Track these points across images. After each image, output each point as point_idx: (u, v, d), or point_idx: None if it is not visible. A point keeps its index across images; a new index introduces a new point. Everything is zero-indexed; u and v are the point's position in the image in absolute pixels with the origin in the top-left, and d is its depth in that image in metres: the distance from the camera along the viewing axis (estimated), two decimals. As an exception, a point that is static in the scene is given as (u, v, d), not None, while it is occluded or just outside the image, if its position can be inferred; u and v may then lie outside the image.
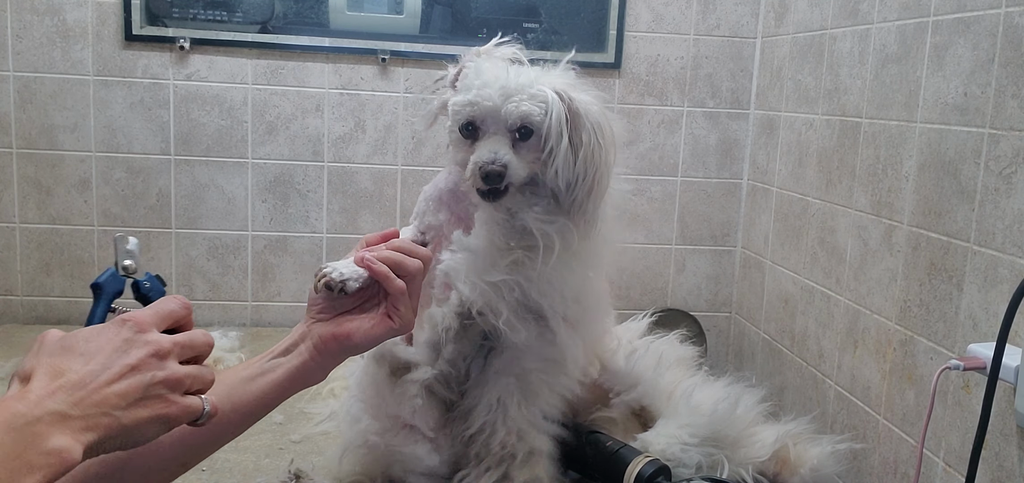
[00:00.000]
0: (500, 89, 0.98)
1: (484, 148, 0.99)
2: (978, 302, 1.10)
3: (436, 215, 1.11)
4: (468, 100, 0.99)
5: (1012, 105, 1.05)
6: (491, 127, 1.00)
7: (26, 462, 0.51)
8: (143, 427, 0.59)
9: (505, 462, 1.09)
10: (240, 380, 0.82)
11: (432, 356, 1.09)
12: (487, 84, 0.98)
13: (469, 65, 1.04)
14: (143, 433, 0.60)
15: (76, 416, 0.55)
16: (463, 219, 1.10)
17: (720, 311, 1.99)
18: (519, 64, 1.06)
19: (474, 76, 1.00)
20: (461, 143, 1.02)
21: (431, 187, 1.13)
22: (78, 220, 1.78)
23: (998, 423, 1.05)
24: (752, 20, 1.86)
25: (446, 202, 1.11)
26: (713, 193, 1.93)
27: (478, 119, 1.00)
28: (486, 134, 1.00)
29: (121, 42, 1.73)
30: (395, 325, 0.86)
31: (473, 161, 0.99)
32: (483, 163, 0.98)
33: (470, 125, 1.00)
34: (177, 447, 0.78)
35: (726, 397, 1.22)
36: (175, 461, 0.79)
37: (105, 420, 0.56)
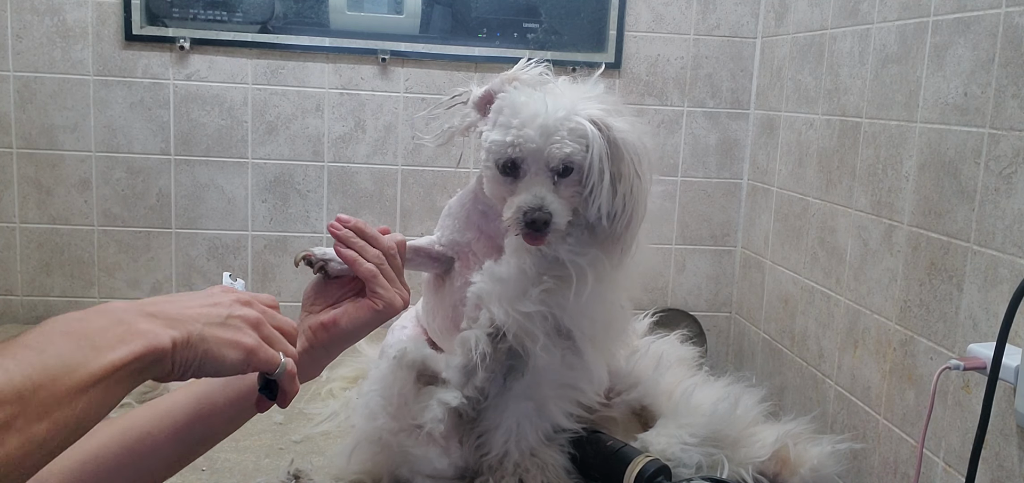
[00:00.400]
0: (540, 128, 0.96)
1: (528, 192, 0.97)
2: (978, 302, 1.10)
3: (463, 233, 1.10)
4: (509, 141, 0.97)
5: (1012, 105, 1.05)
6: (532, 167, 0.98)
7: (118, 336, 0.54)
8: (223, 347, 0.61)
9: (517, 474, 1.11)
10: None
11: (462, 380, 1.08)
12: (526, 123, 0.96)
13: (503, 97, 1.01)
14: (223, 355, 0.61)
15: (161, 319, 0.58)
16: (492, 238, 1.10)
17: (720, 311, 1.99)
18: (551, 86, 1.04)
19: (511, 112, 0.98)
20: (499, 179, 1.00)
21: (457, 203, 1.12)
22: (78, 220, 1.78)
23: (998, 423, 1.05)
24: (752, 20, 1.86)
25: (475, 221, 1.10)
26: (713, 193, 1.93)
27: (519, 159, 0.98)
28: (527, 173, 0.98)
29: (121, 42, 1.73)
30: (378, 307, 0.86)
31: (517, 205, 0.97)
32: (529, 209, 0.96)
33: (511, 164, 0.99)
34: (174, 443, 0.78)
35: (726, 397, 1.22)
36: (173, 456, 0.79)
37: (187, 325, 0.59)
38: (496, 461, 1.12)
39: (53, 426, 0.49)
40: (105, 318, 0.55)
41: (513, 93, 1.01)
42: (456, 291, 1.11)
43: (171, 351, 0.57)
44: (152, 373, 0.57)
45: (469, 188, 1.12)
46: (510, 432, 1.11)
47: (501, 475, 1.11)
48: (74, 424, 0.51)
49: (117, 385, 0.53)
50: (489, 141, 0.99)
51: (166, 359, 0.57)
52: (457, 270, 1.12)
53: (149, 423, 0.78)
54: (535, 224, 0.96)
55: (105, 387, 0.52)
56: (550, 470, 1.12)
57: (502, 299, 1.02)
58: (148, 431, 0.77)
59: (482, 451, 1.14)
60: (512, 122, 0.97)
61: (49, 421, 0.49)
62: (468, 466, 1.14)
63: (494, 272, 1.04)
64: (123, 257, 1.81)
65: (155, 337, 0.56)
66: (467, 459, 1.14)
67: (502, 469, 1.11)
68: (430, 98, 1.82)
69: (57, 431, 0.49)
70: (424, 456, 1.11)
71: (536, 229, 0.97)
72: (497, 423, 1.12)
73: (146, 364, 0.55)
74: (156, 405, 0.80)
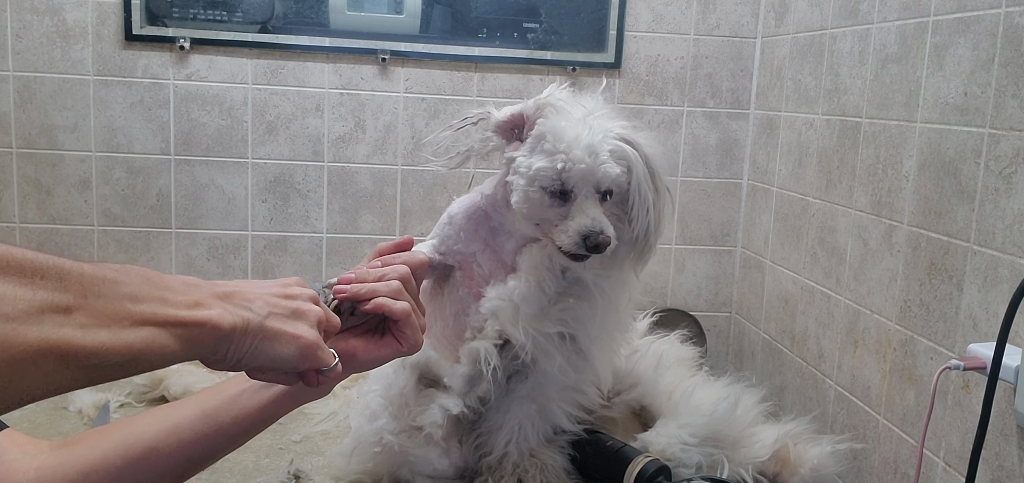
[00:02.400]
0: (587, 149, 0.98)
1: (585, 215, 0.98)
2: (978, 302, 1.10)
3: (467, 244, 1.10)
4: (560, 167, 0.98)
5: (1012, 105, 1.05)
6: (582, 190, 0.99)
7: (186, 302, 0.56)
8: (280, 339, 0.62)
9: (516, 474, 1.11)
10: (243, 390, 0.81)
11: (465, 389, 1.08)
12: (573, 148, 0.98)
13: (543, 123, 1.01)
14: (277, 350, 0.62)
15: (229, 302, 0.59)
16: (497, 253, 1.10)
17: (720, 311, 1.99)
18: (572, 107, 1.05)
19: (556, 138, 0.99)
20: (546, 203, 1.01)
21: (462, 215, 1.11)
22: (78, 220, 1.78)
23: (998, 423, 1.05)
24: (752, 20, 1.86)
25: (482, 235, 1.10)
26: (713, 193, 1.93)
27: (569, 183, 0.99)
28: (577, 197, 0.99)
29: (121, 42, 1.73)
30: (403, 348, 0.81)
31: (575, 230, 0.98)
32: (590, 233, 0.98)
33: (560, 189, 1.00)
34: (178, 459, 0.78)
35: (726, 397, 1.22)
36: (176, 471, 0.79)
37: (246, 313, 0.60)
38: (496, 462, 1.12)
39: (113, 339, 0.50)
40: (179, 282, 0.57)
41: (553, 118, 1.01)
42: (458, 301, 1.11)
43: (228, 334, 0.58)
44: (206, 349, 0.58)
45: (476, 201, 1.11)
46: (512, 434, 1.12)
47: (500, 475, 1.11)
48: (133, 352, 0.52)
49: (176, 340, 0.55)
50: (535, 168, 0.99)
51: (222, 339, 0.58)
52: (457, 279, 1.12)
53: (155, 438, 0.77)
54: (598, 247, 0.98)
55: (164, 334, 0.54)
56: (549, 471, 1.12)
57: (520, 318, 1.03)
58: (153, 446, 0.77)
59: (482, 451, 1.14)
60: (559, 147, 0.98)
61: (110, 332, 0.50)
62: (468, 466, 1.15)
63: (511, 291, 1.04)
64: (123, 257, 1.81)
65: (218, 316, 0.57)
66: (467, 459, 1.14)
67: (501, 469, 1.12)
68: (430, 98, 1.82)
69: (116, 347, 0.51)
70: (424, 457, 1.11)
71: (597, 251, 0.99)
72: (499, 424, 1.12)
73: (203, 335, 0.57)
74: (163, 419, 0.79)
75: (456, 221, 1.11)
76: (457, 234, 1.10)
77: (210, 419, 0.80)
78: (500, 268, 1.09)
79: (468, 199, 1.12)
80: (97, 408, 1.39)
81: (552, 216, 1.01)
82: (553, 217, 1.01)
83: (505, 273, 1.08)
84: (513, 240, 1.08)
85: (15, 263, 0.47)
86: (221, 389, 0.81)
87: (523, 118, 1.04)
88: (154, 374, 1.48)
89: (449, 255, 1.11)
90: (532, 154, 1.01)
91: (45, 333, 0.47)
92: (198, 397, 0.80)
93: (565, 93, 1.06)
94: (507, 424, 1.12)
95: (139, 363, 0.53)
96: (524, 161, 1.01)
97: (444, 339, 1.14)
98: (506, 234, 1.09)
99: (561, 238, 1.00)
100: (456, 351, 1.12)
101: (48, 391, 0.49)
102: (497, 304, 1.04)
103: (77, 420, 1.37)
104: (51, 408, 1.40)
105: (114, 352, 0.51)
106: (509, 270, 1.08)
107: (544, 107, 1.02)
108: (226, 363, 0.60)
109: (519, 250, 1.08)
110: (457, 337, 1.12)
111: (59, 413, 1.39)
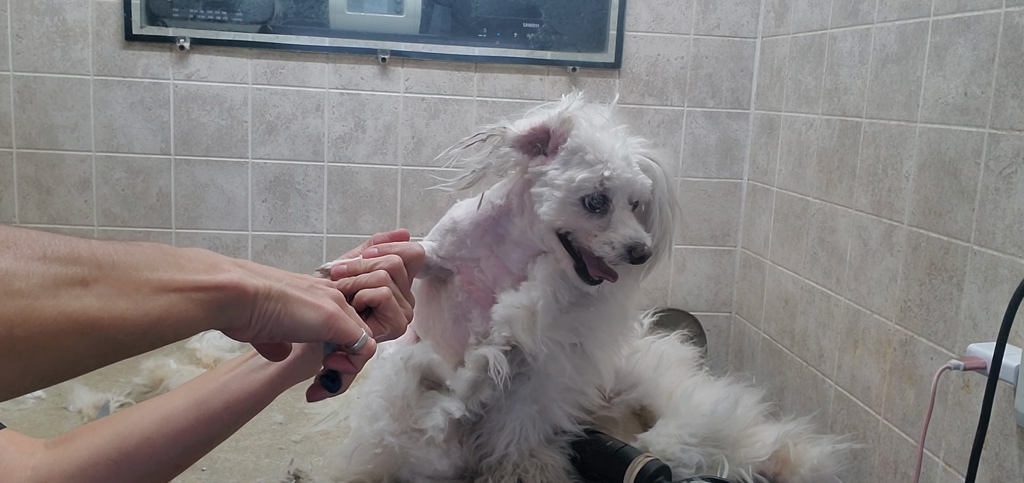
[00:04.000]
0: (624, 160, 1.00)
1: (627, 227, 1.00)
2: (978, 302, 1.10)
3: (472, 250, 1.10)
4: (604, 176, 0.99)
5: (1012, 105, 1.05)
6: (619, 201, 1.01)
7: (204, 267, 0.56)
8: (304, 307, 0.62)
9: (517, 474, 1.11)
10: (233, 376, 0.81)
11: (468, 393, 1.08)
12: (612, 159, 0.99)
13: (577, 136, 1.02)
14: (303, 315, 0.61)
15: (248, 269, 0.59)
16: (502, 261, 1.10)
17: (720, 311, 1.99)
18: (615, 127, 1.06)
19: (593, 150, 1.00)
20: (584, 215, 1.01)
21: (468, 223, 1.10)
22: (78, 220, 1.78)
23: (998, 423, 1.05)
24: (752, 20, 1.86)
25: (488, 241, 1.10)
26: (713, 193, 1.93)
27: (609, 195, 1.00)
28: (615, 209, 1.01)
29: (121, 42, 1.73)
30: (385, 331, 0.84)
31: (620, 242, 1.00)
32: (636, 245, 0.99)
33: (601, 200, 1.01)
34: (174, 448, 0.78)
35: (726, 397, 1.22)
36: (173, 461, 0.79)
37: (268, 282, 0.60)
38: (496, 462, 1.12)
39: (133, 307, 0.50)
40: (195, 253, 0.57)
41: (586, 130, 1.02)
42: (457, 306, 1.11)
43: (252, 296, 0.58)
44: (231, 314, 0.57)
45: (484, 210, 1.10)
46: (513, 434, 1.12)
47: (501, 475, 1.11)
48: (153, 319, 0.51)
49: (197, 304, 0.54)
50: (578, 180, 0.99)
51: (246, 302, 0.57)
52: (457, 284, 1.11)
53: (149, 429, 0.77)
54: (642, 258, 1.00)
55: (185, 299, 0.53)
56: (550, 471, 1.13)
57: (533, 327, 1.04)
58: (148, 436, 0.77)
59: (482, 452, 1.14)
60: (600, 158, 0.99)
61: (129, 300, 0.50)
62: (468, 467, 1.15)
63: (528, 300, 1.05)
64: (123, 257, 1.81)
65: (240, 277, 0.57)
66: (467, 460, 1.14)
67: (502, 470, 1.12)
68: (430, 98, 1.82)
69: (136, 315, 0.50)
70: (424, 458, 1.11)
71: (640, 263, 1.01)
72: (500, 425, 1.12)
73: (227, 298, 0.56)
74: (156, 409, 0.79)
75: (461, 227, 1.10)
76: (462, 240, 1.10)
77: (203, 407, 0.80)
78: (505, 275, 1.09)
79: (472, 205, 1.12)
80: (97, 408, 1.38)
81: (590, 227, 1.02)
82: (591, 227, 1.02)
83: (510, 281, 1.08)
84: (520, 250, 1.09)
85: (26, 241, 0.47)
86: (212, 376, 0.81)
87: (547, 131, 1.03)
88: (154, 374, 1.48)
89: (449, 260, 1.11)
90: (568, 167, 1.01)
91: (62, 305, 0.46)
92: (189, 386, 0.80)
93: (580, 103, 1.06)
94: (508, 425, 1.12)
95: (162, 331, 0.52)
96: (558, 174, 1.01)
97: (443, 342, 1.14)
98: (512, 243, 1.09)
99: (603, 249, 1.01)
100: (455, 354, 1.12)
101: (72, 367, 0.48)
102: (512, 312, 1.05)
103: (77, 420, 1.37)
104: (51, 408, 1.40)
105: (135, 321, 0.50)
106: (515, 278, 1.08)
107: (570, 120, 1.02)
108: (251, 329, 0.60)
109: (528, 260, 1.08)
110: (457, 341, 1.12)
111: (59, 413, 1.39)
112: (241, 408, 0.81)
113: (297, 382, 0.86)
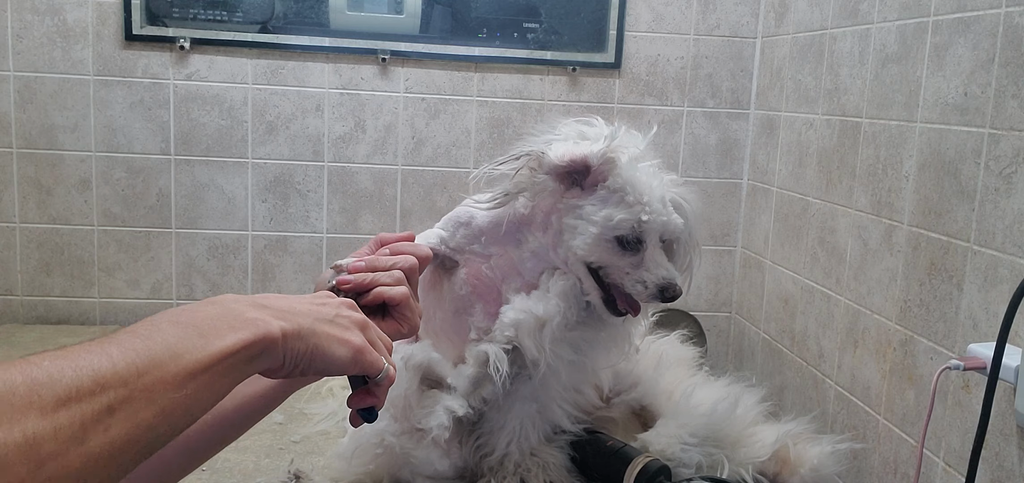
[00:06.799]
0: (661, 201, 1.01)
1: (660, 268, 1.02)
2: (978, 302, 1.10)
3: (486, 247, 1.09)
4: (645, 218, 1.00)
5: (1012, 105, 1.05)
6: (652, 240, 1.02)
7: (228, 325, 0.54)
8: (332, 343, 0.61)
9: (519, 474, 1.11)
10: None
11: (470, 390, 1.08)
12: (651, 202, 1.00)
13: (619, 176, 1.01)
14: (332, 351, 0.61)
15: (271, 310, 0.58)
16: (513, 263, 1.10)
17: (720, 311, 1.99)
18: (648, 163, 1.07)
19: (634, 192, 1.00)
20: (618, 253, 1.02)
21: (483, 216, 1.09)
22: (78, 220, 1.78)
23: (998, 423, 1.05)
24: (752, 20, 1.86)
25: (503, 243, 1.09)
26: (713, 193, 1.93)
27: (644, 234, 1.01)
28: (648, 247, 1.02)
29: (121, 42, 1.73)
30: (403, 330, 0.82)
31: (654, 283, 1.01)
32: (669, 285, 1.01)
33: (636, 241, 1.01)
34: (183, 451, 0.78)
35: (726, 397, 1.22)
36: (181, 464, 0.79)
37: (297, 319, 0.59)
38: (497, 462, 1.12)
39: (160, 413, 0.48)
40: (215, 308, 0.55)
41: (627, 170, 1.02)
42: (459, 299, 1.11)
43: (281, 341, 0.57)
44: (262, 363, 0.56)
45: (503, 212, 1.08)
46: (513, 434, 1.12)
47: (503, 475, 1.11)
48: (182, 411, 0.50)
49: (226, 374, 0.53)
50: (616, 219, 1.00)
51: (276, 348, 0.56)
52: (462, 277, 1.11)
53: None
54: (673, 298, 1.02)
55: (213, 375, 0.52)
56: (552, 469, 1.13)
57: (540, 337, 1.04)
58: None
59: (483, 452, 1.14)
60: (639, 200, 1.00)
61: (156, 408, 0.48)
62: (467, 466, 1.15)
63: (536, 309, 1.05)
64: (123, 257, 1.81)
65: (265, 325, 0.55)
66: (467, 460, 1.14)
67: (503, 469, 1.12)
68: (430, 98, 1.82)
69: (164, 418, 0.48)
70: (425, 458, 1.11)
71: (671, 301, 1.03)
72: (501, 425, 1.12)
73: (256, 353, 0.55)
74: None
75: (476, 223, 1.09)
76: (475, 236, 1.09)
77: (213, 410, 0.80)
78: (514, 276, 1.09)
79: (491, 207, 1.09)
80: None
81: (623, 264, 1.02)
82: (624, 265, 1.02)
83: (519, 283, 1.08)
84: (536, 259, 1.08)
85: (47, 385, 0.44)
86: None
87: (588, 167, 1.01)
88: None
89: (458, 252, 1.11)
90: (605, 205, 1.01)
91: (91, 449, 0.44)
92: None
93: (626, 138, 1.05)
94: (508, 424, 1.12)
95: (194, 415, 0.51)
96: (596, 211, 1.01)
97: (442, 334, 1.14)
98: (529, 252, 1.08)
99: (636, 288, 1.02)
100: (454, 347, 1.12)
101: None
102: (522, 317, 1.04)
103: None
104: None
105: (167, 423, 0.49)
106: (525, 282, 1.08)
107: (614, 161, 1.02)
108: (284, 370, 0.59)
109: (543, 271, 1.09)
110: (457, 334, 1.12)
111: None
112: (251, 409, 0.81)
113: (310, 384, 0.86)
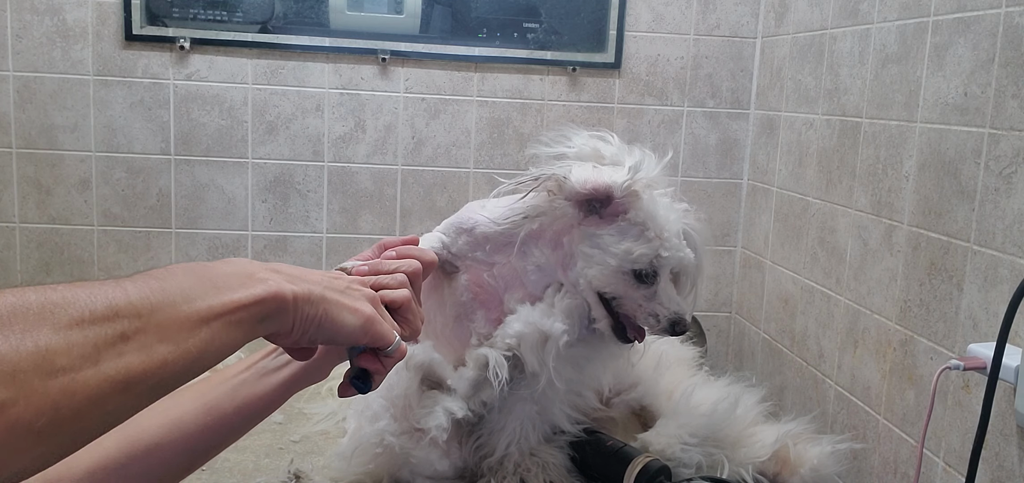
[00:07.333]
0: (678, 239, 1.03)
1: (671, 301, 1.03)
2: (978, 302, 1.10)
3: (490, 255, 1.08)
4: (664, 255, 1.01)
5: (1012, 105, 1.05)
6: (664, 274, 1.03)
7: (240, 281, 0.55)
8: (343, 311, 0.62)
9: (519, 474, 1.11)
10: (244, 380, 0.81)
11: (470, 393, 1.08)
12: (669, 237, 1.01)
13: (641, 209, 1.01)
14: (342, 318, 0.62)
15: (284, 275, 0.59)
16: (517, 273, 1.09)
17: (720, 311, 1.99)
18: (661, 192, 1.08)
19: (654, 226, 1.01)
20: (632, 285, 1.02)
21: (487, 224, 1.07)
22: (78, 220, 1.78)
23: (998, 423, 1.05)
24: (752, 20, 1.86)
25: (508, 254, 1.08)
26: (713, 193, 1.93)
27: (660, 268, 1.02)
28: (661, 279, 1.03)
29: (121, 42, 1.73)
30: (405, 334, 0.83)
31: (666, 318, 1.02)
32: (680, 320, 1.02)
33: (652, 274, 1.02)
34: (183, 452, 0.78)
35: (726, 397, 1.22)
36: (181, 465, 0.79)
37: (309, 285, 0.60)
38: (497, 463, 1.12)
39: (175, 349, 0.49)
40: (230, 266, 0.56)
41: (648, 205, 1.02)
42: (460, 304, 1.11)
43: (292, 303, 0.57)
44: (272, 325, 0.57)
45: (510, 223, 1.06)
46: (513, 434, 1.12)
47: (503, 476, 1.11)
48: (195, 354, 0.51)
49: (237, 326, 0.53)
50: (636, 253, 1.00)
51: (287, 310, 0.57)
52: (463, 283, 1.11)
53: (157, 434, 0.77)
54: (682, 332, 1.04)
55: (225, 324, 0.52)
56: (552, 469, 1.13)
57: (542, 352, 1.04)
58: (157, 442, 0.77)
59: (483, 452, 1.14)
60: (659, 236, 1.01)
61: (169, 345, 0.49)
62: (467, 467, 1.15)
63: (542, 324, 1.05)
64: (123, 257, 1.81)
65: (277, 285, 0.56)
66: (467, 460, 1.14)
67: (503, 470, 1.12)
68: (430, 98, 1.82)
69: (178, 356, 0.49)
70: (425, 458, 1.11)
71: (680, 334, 1.06)
72: (501, 425, 1.12)
73: (267, 311, 0.56)
74: (165, 413, 0.79)
75: (479, 232, 1.07)
76: (478, 243, 1.07)
77: (213, 411, 0.80)
78: (518, 287, 1.08)
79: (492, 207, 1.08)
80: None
81: (637, 296, 1.03)
82: (637, 297, 1.03)
83: (523, 294, 1.08)
84: (542, 274, 1.08)
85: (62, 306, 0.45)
86: (221, 379, 0.81)
87: (611, 197, 1.00)
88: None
89: (459, 258, 1.10)
90: (625, 237, 1.01)
91: (105, 371, 0.45)
92: (199, 389, 0.80)
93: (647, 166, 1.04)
94: (508, 425, 1.12)
95: (205, 363, 0.52)
96: (615, 242, 1.01)
97: (442, 338, 1.14)
98: (535, 266, 1.08)
99: (648, 321, 1.03)
100: (454, 351, 1.12)
101: (116, 422, 0.47)
102: (526, 330, 1.04)
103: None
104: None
105: (177, 363, 0.49)
106: (528, 295, 1.08)
107: (638, 194, 1.01)
108: (292, 335, 0.59)
109: (548, 285, 1.08)
110: (457, 339, 1.12)
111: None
112: (252, 411, 0.81)
113: (311, 385, 0.86)
